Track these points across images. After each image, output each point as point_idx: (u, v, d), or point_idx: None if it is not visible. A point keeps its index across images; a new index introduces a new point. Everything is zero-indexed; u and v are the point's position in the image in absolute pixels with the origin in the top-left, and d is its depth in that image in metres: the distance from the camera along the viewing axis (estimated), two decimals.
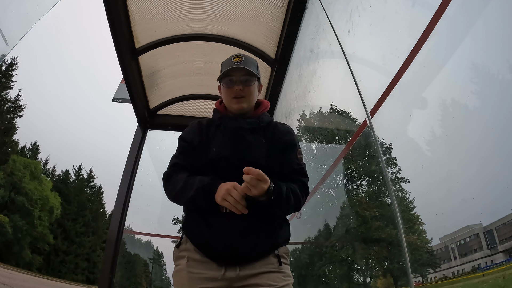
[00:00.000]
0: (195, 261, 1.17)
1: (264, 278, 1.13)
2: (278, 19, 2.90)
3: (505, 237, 1.42)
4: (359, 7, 2.12)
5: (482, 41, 1.38)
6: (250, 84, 1.31)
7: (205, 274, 1.13)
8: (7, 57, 12.80)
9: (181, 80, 3.81)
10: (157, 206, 5.70)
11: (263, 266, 1.16)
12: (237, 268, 1.14)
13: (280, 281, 1.15)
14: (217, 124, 1.34)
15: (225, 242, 1.14)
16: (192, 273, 1.14)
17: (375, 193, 6.38)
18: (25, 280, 18.07)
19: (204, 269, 1.14)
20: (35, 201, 27.22)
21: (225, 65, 1.33)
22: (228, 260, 1.15)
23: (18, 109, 30.52)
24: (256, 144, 1.26)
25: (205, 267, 1.15)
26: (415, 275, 2.01)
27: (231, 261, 1.15)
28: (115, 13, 2.60)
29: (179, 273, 1.18)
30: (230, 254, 1.14)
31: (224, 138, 1.28)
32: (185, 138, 1.33)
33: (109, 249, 3.39)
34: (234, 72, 1.30)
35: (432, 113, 1.72)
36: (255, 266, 1.15)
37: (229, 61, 1.33)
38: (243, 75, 1.30)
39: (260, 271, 1.15)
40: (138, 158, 3.91)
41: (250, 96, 1.32)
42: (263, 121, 1.33)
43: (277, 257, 1.20)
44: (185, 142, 1.32)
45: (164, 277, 20.06)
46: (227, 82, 1.31)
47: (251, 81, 1.31)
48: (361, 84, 2.12)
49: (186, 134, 1.35)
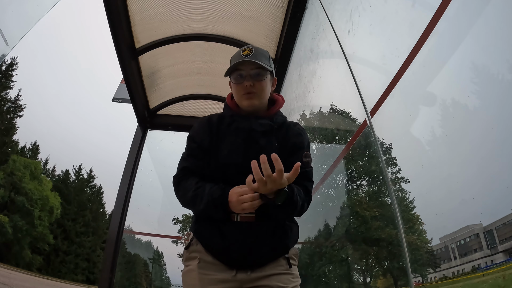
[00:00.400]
0: (206, 262, 1.16)
1: (274, 279, 1.13)
2: (278, 19, 2.90)
3: (505, 237, 1.42)
4: (359, 7, 2.12)
5: (482, 41, 1.37)
6: (262, 79, 1.20)
7: (216, 276, 1.13)
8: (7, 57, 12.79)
9: (181, 80, 3.81)
10: (157, 206, 5.71)
11: (273, 268, 1.16)
12: (248, 271, 1.14)
13: (289, 282, 1.15)
14: (228, 122, 1.25)
15: (238, 250, 1.13)
16: (204, 274, 1.14)
17: (375, 193, 6.38)
18: (25, 280, 18.06)
19: (215, 271, 1.14)
20: (35, 201, 27.22)
21: (234, 59, 1.23)
22: (240, 264, 1.15)
23: (18, 109, 30.52)
24: (269, 149, 1.15)
25: (216, 269, 1.15)
26: (415, 275, 2.01)
27: (242, 265, 1.15)
28: (115, 13, 2.60)
29: (190, 273, 1.17)
30: (243, 260, 1.14)
31: (236, 141, 1.21)
32: (195, 138, 1.26)
33: (109, 249, 3.38)
34: (244, 66, 1.20)
35: (432, 113, 1.72)
36: (265, 268, 1.16)
37: (238, 54, 1.22)
38: (253, 69, 1.19)
39: (270, 273, 1.15)
40: (138, 158, 3.91)
41: (262, 92, 1.22)
42: (276, 122, 1.25)
43: (287, 259, 1.20)
44: (195, 143, 1.25)
45: (164, 277, 20.06)
46: (236, 77, 1.21)
47: (262, 76, 1.20)
48: (361, 84, 2.12)
49: (195, 134, 1.27)
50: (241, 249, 1.13)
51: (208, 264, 1.16)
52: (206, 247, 1.19)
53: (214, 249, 1.17)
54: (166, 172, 5.02)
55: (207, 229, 1.19)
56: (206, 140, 1.23)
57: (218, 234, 1.15)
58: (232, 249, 1.13)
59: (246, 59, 1.18)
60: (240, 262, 1.14)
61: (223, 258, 1.16)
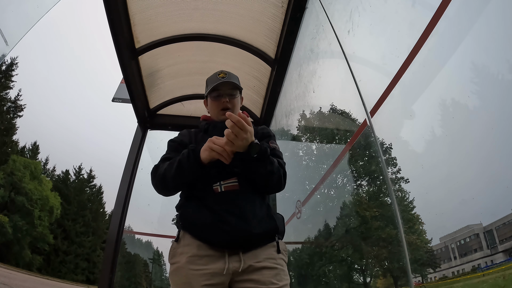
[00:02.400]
0: (195, 256, 1.15)
1: (266, 274, 1.13)
2: (278, 19, 2.90)
3: (505, 237, 1.42)
4: (359, 7, 2.12)
5: (482, 41, 1.38)
6: (235, 97, 1.46)
7: (207, 269, 1.12)
8: (7, 57, 12.81)
9: (181, 80, 3.81)
10: (157, 206, 5.70)
11: (265, 259, 1.16)
12: (240, 257, 1.13)
13: (280, 279, 1.15)
14: (204, 129, 1.45)
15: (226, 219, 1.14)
16: (193, 270, 1.12)
17: (375, 193, 6.38)
18: (25, 280, 18.06)
19: (205, 264, 1.13)
20: (35, 201, 27.22)
21: (211, 81, 1.47)
22: (231, 240, 1.14)
23: (18, 109, 30.53)
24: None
25: (206, 261, 1.13)
26: (415, 275, 2.01)
27: (233, 242, 1.14)
28: (115, 13, 2.60)
29: (178, 271, 1.15)
30: (234, 232, 1.13)
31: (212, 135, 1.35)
32: (174, 139, 1.44)
33: (109, 249, 3.38)
34: (221, 87, 1.44)
35: (432, 113, 1.72)
36: (257, 254, 1.16)
37: (214, 77, 1.47)
38: (229, 89, 1.45)
39: (263, 265, 1.14)
40: (138, 158, 3.91)
41: (235, 108, 1.45)
42: None
43: (277, 247, 1.21)
44: (175, 142, 1.42)
45: (164, 277, 20.08)
46: (215, 95, 1.45)
47: (235, 94, 1.46)
48: (361, 84, 2.12)
49: (175, 138, 1.46)
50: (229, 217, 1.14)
51: (197, 258, 1.14)
52: (194, 231, 1.18)
53: (203, 227, 1.16)
54: None
55: (192, 208, 1.22)
56: (186, 139, 1.42)
57: (205, 209, 1.18)
58: (221, 220, 1.14)
59: (224, 80, 1.42)
60: (231, 236, 1.13)
61: (213, 236, 1.14)
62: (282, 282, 1.15)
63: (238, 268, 1.12)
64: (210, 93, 1.46)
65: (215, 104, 1.45)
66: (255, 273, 1.13)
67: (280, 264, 1.20)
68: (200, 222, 1.17)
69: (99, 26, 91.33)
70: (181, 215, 1.25)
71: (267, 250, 1.19)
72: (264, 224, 1.19)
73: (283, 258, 1.22)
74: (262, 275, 1.13)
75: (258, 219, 1.18)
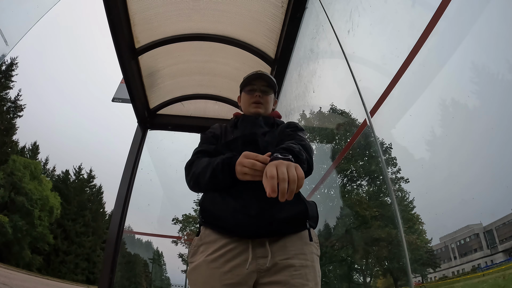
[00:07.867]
0: (217, 252, 1.07)
1: (295, 275, 1.03)
2: (278, 19, 2.90)
3: (505, 237, 1.42)
4: (359, 7, 2.12)
5: (482, 41, 1.37)
6: (268, 94, 1.47)
7: (228, 266, 1.04)
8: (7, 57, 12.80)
9: (181, 80, 3.81)
10: (157, 206, 5.71)
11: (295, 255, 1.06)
12: (267, 248, 1.05)
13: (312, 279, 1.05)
14: (234, 122, 1.45)
15: (251, 204, 1.07)
16: (214, 268, 1.04)
17: (375, 193, 6.38)
18: (25, 280, 18.06)
19: (227, 261, 1.05)
20: (35, 201, 27.22)
21: (247, 77, 1.49)
22: (257, 227, 1.05)
23: (18, 109, 30.52)
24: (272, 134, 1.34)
25: (229, 256, 1.05)
26: (415, 275, 2.00)
27: (259, 229, 1.05)
28: (115, 13, 2.59)
29: (198, 269, 1.08)
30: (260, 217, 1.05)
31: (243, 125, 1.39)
32: (207, 133, 1.44)
33: (109, 249, 3.38)
34: (256, 82, 1.46)
35: (432, 113, 1.72)
36: (286, 247, 1.07)
37: (252, 73, 1.48)
38: (263, 85, 1.46)
39: (292, 263, 1.05)
40: (138, 158, 3.91)
41: (267, 104, 1.46)
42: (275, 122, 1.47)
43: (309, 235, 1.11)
44: (207, 134, 1.41)
45: (164, 277, 20.06)
46: (248, 89, 1.47)
47: (269, 92, 1.47)
48: (361, 84, 2.12)
49: (207, 131, 1.45)
50: (253, 201, 1.06)
51: (217, 255, 1.06)
52: (214, 221, 1.12)
53: (225, 213, 1.09)
54: (166, 172, 5.02)
55: (216, 197, 1.14)
56: (217, 131, 1.42)
57: (229, 196, 1.11)
58: (244, 205, 1.07)
59: (260, 73, 1.45)
60: (254, 220, 1.05)
61: (234, 223, 1.06)
62: (312, 282, 1.04)
63: (265, 263, 1.03)
64: (244, 87, 1.48)
65: (247, 97, 1.46)
66: (283, 273, 1.04)
67: (311, 259, 1.09)
68: (222, 209, 1.11)
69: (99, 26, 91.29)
70: (202, 209, 1.18)
71: (297, 242, 1.09)
72: (292, 207, 1.09)
73: (314, 251, 1.11)
74: (291, 276, 1.03)
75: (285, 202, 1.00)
